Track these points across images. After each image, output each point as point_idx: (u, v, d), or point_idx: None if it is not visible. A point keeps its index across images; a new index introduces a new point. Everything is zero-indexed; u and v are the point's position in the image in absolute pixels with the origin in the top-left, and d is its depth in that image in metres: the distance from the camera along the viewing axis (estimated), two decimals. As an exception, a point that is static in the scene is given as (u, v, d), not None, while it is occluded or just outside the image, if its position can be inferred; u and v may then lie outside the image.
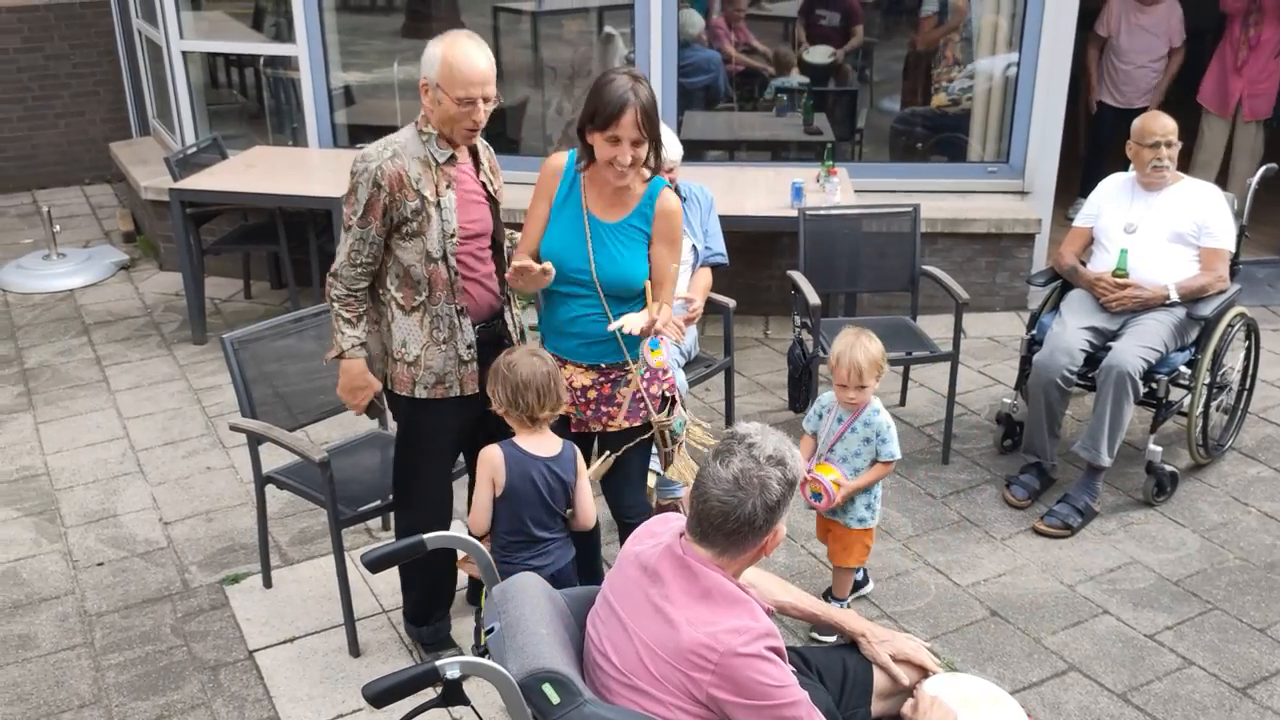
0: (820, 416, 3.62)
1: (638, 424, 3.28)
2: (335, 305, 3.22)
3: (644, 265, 3.16)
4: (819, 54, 7.01)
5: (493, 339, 3.36)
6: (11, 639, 3.70)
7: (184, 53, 6.67)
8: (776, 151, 6.81)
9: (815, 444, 3.61)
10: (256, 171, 5.90)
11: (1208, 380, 4.39)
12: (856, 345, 3.45)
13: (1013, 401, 4.73)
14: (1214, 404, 4.60)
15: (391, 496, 3.54)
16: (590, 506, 3.13)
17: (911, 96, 6.80)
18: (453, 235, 3.16)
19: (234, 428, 3.67)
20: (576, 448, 3.13)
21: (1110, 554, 4.11)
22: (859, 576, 3.81)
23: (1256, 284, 6.33)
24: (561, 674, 2.05)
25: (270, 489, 3.80)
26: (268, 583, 3.96)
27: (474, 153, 3.28)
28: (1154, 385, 4.28)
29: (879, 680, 2.57)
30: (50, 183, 8.71)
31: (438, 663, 1.95)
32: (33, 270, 6.81)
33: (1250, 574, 3.98)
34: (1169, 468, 4.38)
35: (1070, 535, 4.20)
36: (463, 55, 3.01)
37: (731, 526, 2.10)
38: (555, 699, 2.03)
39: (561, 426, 3.21)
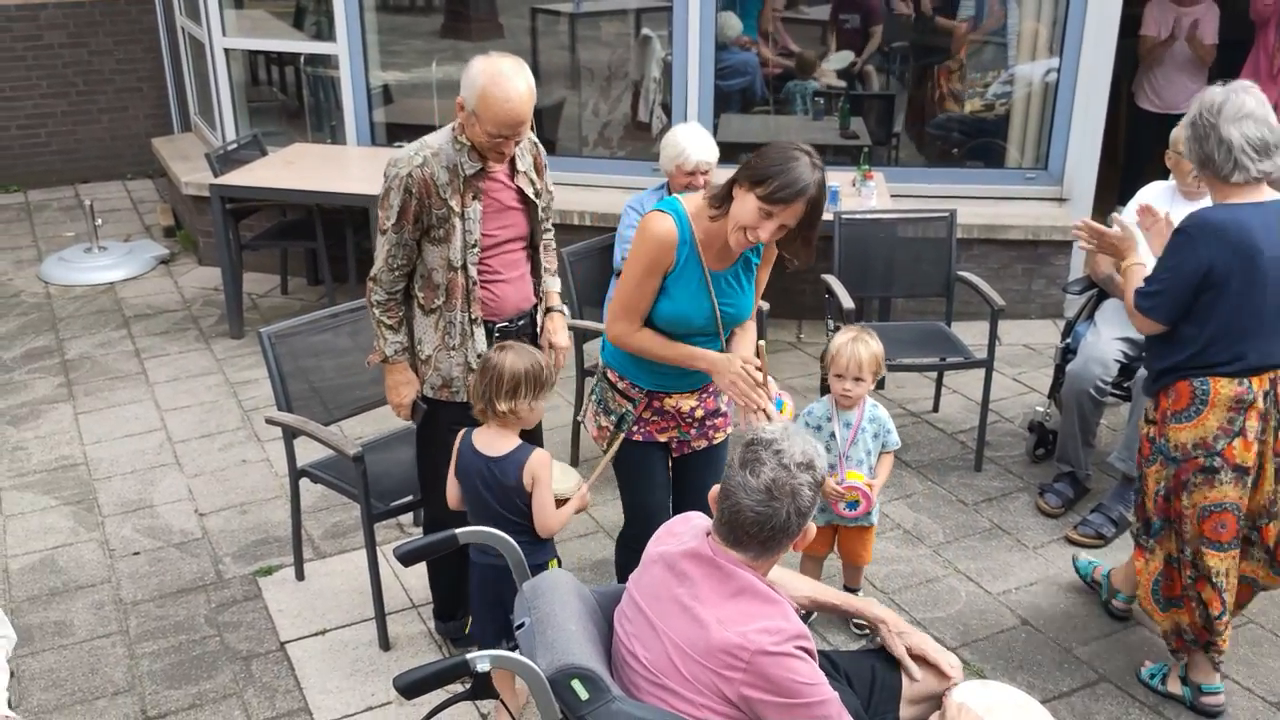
0: (819, 428, 3.56)
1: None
2: (376, 311, 3.25)
3: (754, 294, 3.10)
4: (840, 60, 7.01)
5: (515, 337, 3.36)
6: (48, 625, 3.76)
7: (226, 50, 6.74)
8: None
9: None
10: (295, 168, 5.95)
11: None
12: (858, 340, 3.50)
13: (1045, 410, 4.70)
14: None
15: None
16: (548, 515, 2.96)
17: (948, 101, 6.77)
18: (474, 246, 3.18)
19: (270, 421, 3.70)
20: (540, 453, 3.01)
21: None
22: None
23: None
24: (590, 670, 2.06)
25: (304, 483, 3.84)
26: (300, 575, 4.00)
27: (511, 161, 3.25)
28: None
29: (907, 686, 2.57)
30: (93, 177, 8.83)
31: (468, 656, 1.96)
32: (74, 263, 6.90)
33: (1287, 588, 3.93)
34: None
35: (1104, 545, 4.17)
36: (501, 96, 2.96)
37: (766, 535, 2.11)
38: (584, 695, 2.04)
39: (663, 451, 3.17)
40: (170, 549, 4.19)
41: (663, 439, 3.16)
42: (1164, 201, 4.47)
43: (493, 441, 3.00)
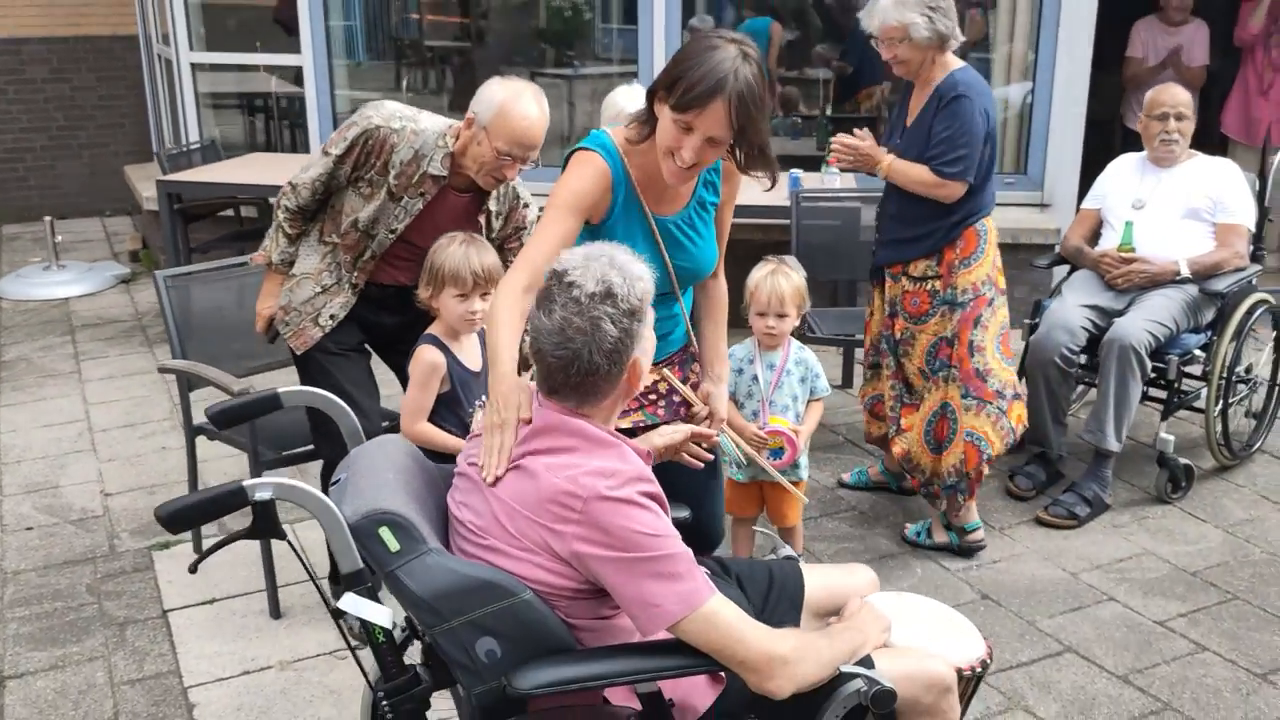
0: (740, 371, 3.24)
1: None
2: (281, 215, 3.10)
3: (714, 241, 2.56)
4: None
5: (377, 300, 3.15)
6: (-82, 593, 3.46)
7: (193, 64, 6.66)
8: (785, 166, 6.60)
9: (736, 403, 3.25)
10: (250, 170, 5.80)
11: (1226, 371, 4.01)
12: (778, 272, 3.18)
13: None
14: (1238, 403, 4.21)
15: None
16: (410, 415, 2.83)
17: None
18: (392, 232, 3.02)
19: (162, 369, 3.45)
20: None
21: (1121, 545, 3.72)
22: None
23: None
24: (402, 516, 1.75)
25: (222, 465, 3.56)
26: (198, 549, 3.69)
27: (483, 194, 3.06)
28: (1164, 365, 3.92)
29: (814, 598, 2.23)
30: (71, 213, 8.73)
31: (245, 483, 1.67)
32: (30, 279, 6.75)
33: (1278, 567, 3.56)
34: (1183, 461, 3.99)
35: (1077, 526, 3.81)
36: (521, 113, 2.79)
37: (576, 380, 1.81)
38: (394, 545, 1.73)
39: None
40: (66, 525, 3.90)
41: (626, 424, 2.57)
42: (1135, 171, 4.25)
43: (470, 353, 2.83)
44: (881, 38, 3.42)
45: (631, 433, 2.67)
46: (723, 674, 1.92)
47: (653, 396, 2.63)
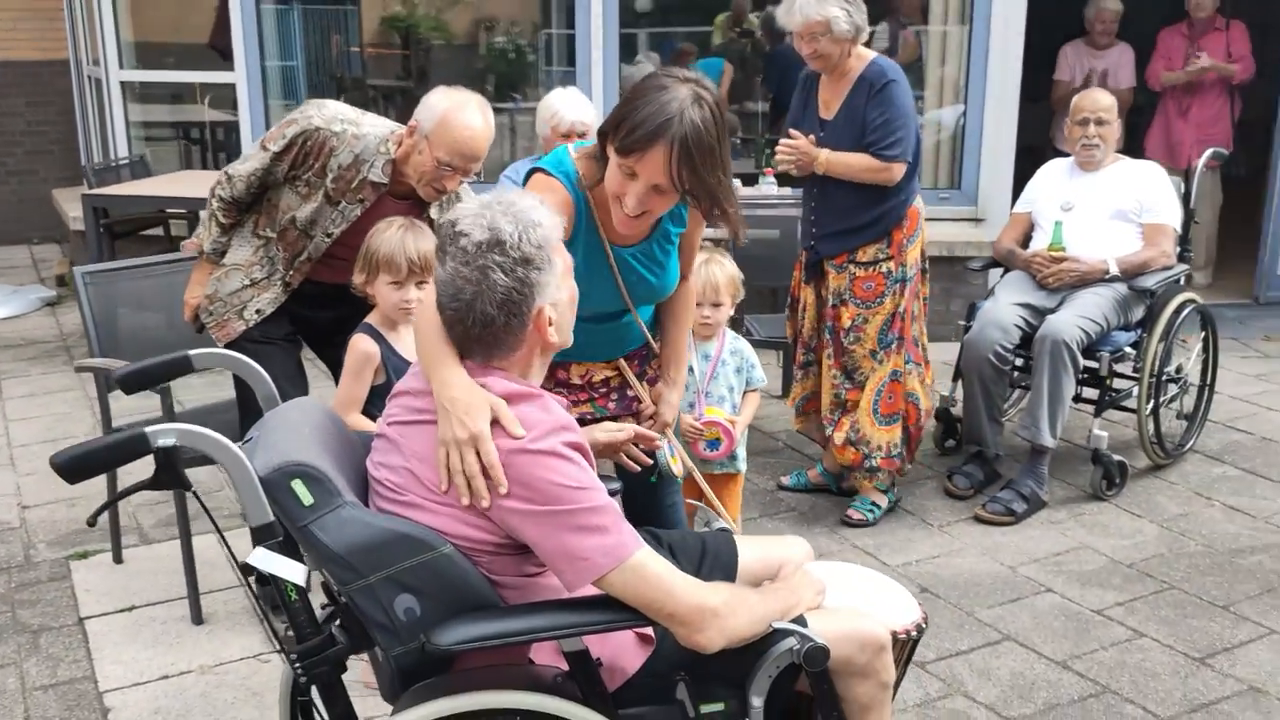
0: None
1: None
2: (215, 204, 3.03)
3: (678, 266, 2.50)
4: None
5: (307, 296, 3.09)
6: None
7: (123, 83, 6.56)
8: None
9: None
10: (181, 185, 5.69)
11: (1156, 370, 4.06)
12: (712, 261, 3.20)
13: (950, 395, 4.39)
14: (1168, 403, 4.26)
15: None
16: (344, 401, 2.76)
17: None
18: (329, 236, 2.95)
19: (79, 368, 3.35)
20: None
21: (1058, 540, 3.72)
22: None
23: (1227, 322, 6.06)
24: (316, 469, 1.68)
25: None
26: (118, 558, 3.57)
27: (423, 205, 3.00)
28: (1095, 363, 3.95)
29: (748, 569, 2.18)
30: (-2, 240, 8.54)
31: (147, 429, 1.59)
32: (-49, 302, 6.55)
33: (1213, 558, 3.58)
34: (1117, 457, 4.02)
35: (1015, 522, 3.81)
36: (463, 124, 2.74)
37: (476, 332, 1.74)
38: (308, 499, 1.66)
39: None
40: (-21, 537, 3.75)
41: (572, 415, 2.63)
42: (1064, 175, 4.31)
43: (408, 343, 2.72)
44: (803, 33, 3.48)
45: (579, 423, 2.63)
46: (652, 634, 1.87)
47: (604, 389, 2.59)
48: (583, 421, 2.59)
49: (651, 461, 2.38)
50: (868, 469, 3.75)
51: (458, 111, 2.74)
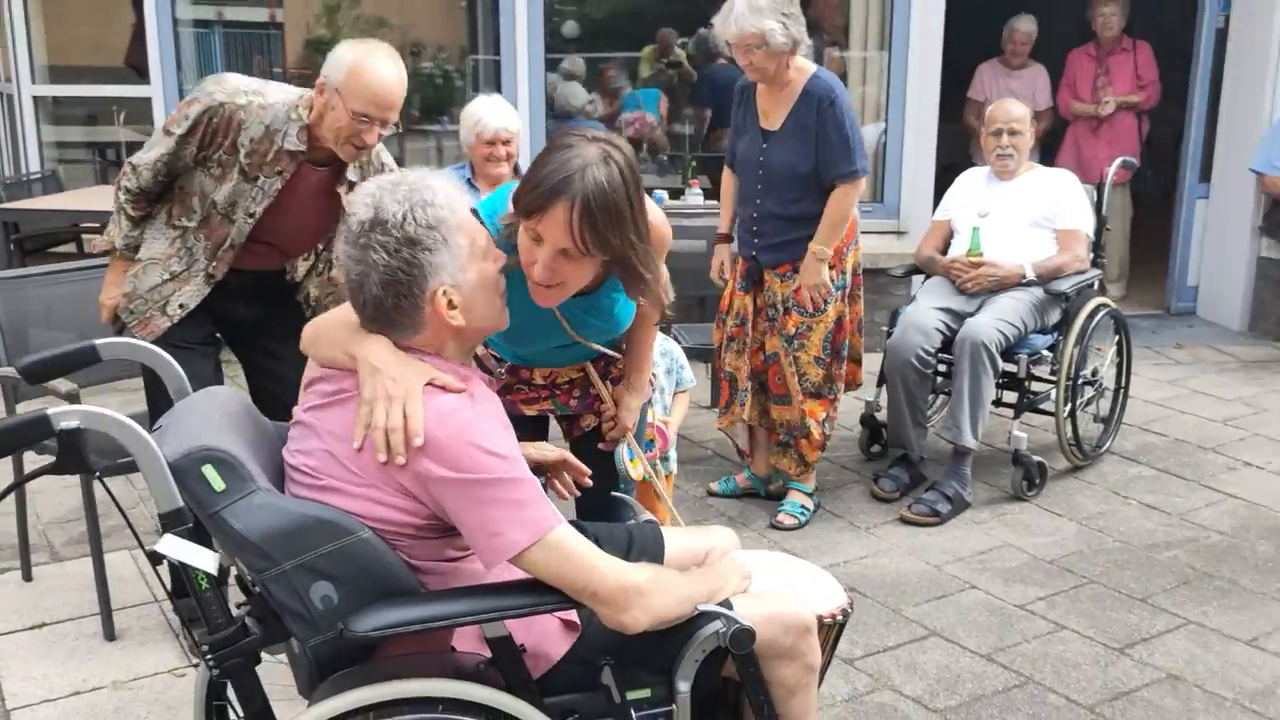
0: None
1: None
2: (123, 197, 2.90)
3: (630, 305, 2.37)
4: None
5: (232, 290, 3.01)
6: None
7: (35, 98, 6.40)
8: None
9: None
10: (95, 199, 5.56)
11: (1072, 374, 4.15)
12: None
13: (874, 400, 4.44)
14: (1085, 406, 4.35)
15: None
16: None
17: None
18: (251, 216, 2.86)
19: (-17, 378, 3.23)
20: None
21: (981, 539, 3.77)
22: None
23: (1141, 332, 6.23)
24: (229, 454, 1.64)
25: (61, 495, 3.33)
26: (27, 576, 3.45)
27: (341, 167, 2.92)
28: (1014, 366, 4.03)
29: (675, 558, 2.17)
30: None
31: (50, 411, 1.54)
32: None
33: (1130, 554, 3.66)
34: (1037, 458, 4.09)
35: (939, 522, 3.85)
36: (373, 70, 2.67)
37: (370, 312, 1.72)
38: (219, 484, 1.62)
39: (533, 429, 2.58)
40: (-122, 558, 3.59)
41: (531, 412, 2.57)
42: (981, 183, 4.40)
43: None
44: (738, 45, 3.49)
45: (537, 421, 2.61)
46: (577, 620, 1.85)
47: (567, 386, 2.57)
48: (542, 418, 2.58)
49: (579, 493, 2.32)
50: (788, 438, 3.85)
51: (366, 59, 2.68)
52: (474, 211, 2.13)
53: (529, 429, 2.55)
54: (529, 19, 5.92)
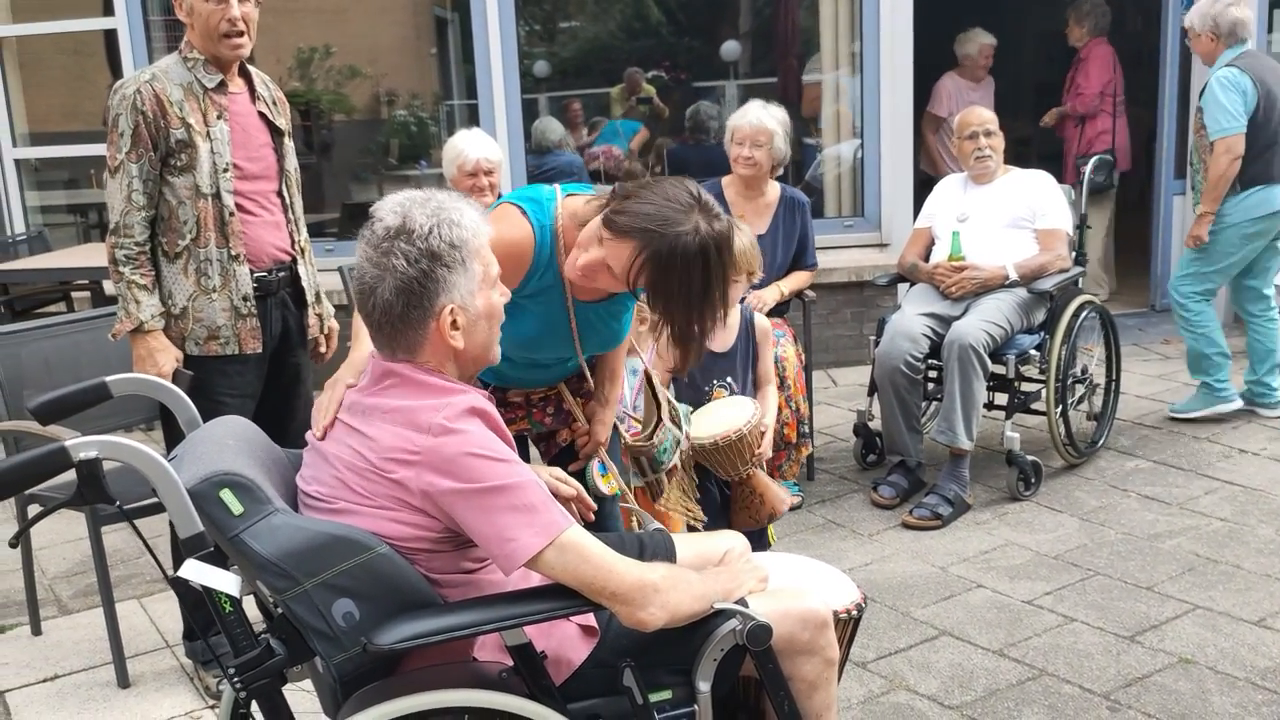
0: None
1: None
2: (125, 270, 2.83)
3: (629, 325, 2.50)
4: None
5: (274, 293, 3.04)
6: None
7: (17, 160, 6.44)
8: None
9: None
10: (84, 256, 5.58)
11: (1061, 373, 4.19)
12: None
13: (867, 409, 4.47)
14: (1076, 404, 4.39)
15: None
16: None
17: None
18: (226, 170, 2.89)
19: (-12, 433, 3.24)
20: None
21: (984, 539, 3.79)
22: None
23: (1128, 330, 6.29)
24: (244, 477, 1.66)
25: (64, 548, 3.33)
26: (37, 630, 3.44)
27: (249, 82, 3.02)
28: (1003, 367, 4.08)
29: (687, 563, 2.19)
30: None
31: (68, 442, 1.56)
32: None
33: (1133, 544, 3.68)
34: (1031, 458, 4.13)
35: (941, 525, 3.88)
36: None
37: (377, 319, 1.75)
38: (237, 508, 1.64)
39: (519, 448, 2.57)
40: (-115, 622, 3.58)
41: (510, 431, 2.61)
42: (959, 188, 4.47)
43: None
44: (750, 136, 4.06)
45: (516, 442, 2.61)
46: (596, 625, 1.86)
47: (540, 403, 2.60)
48: (520, 438, 2.61)
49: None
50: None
51: None
52: (526, 214, 2.20)
53: None
54: (504, 63, 5.99)
